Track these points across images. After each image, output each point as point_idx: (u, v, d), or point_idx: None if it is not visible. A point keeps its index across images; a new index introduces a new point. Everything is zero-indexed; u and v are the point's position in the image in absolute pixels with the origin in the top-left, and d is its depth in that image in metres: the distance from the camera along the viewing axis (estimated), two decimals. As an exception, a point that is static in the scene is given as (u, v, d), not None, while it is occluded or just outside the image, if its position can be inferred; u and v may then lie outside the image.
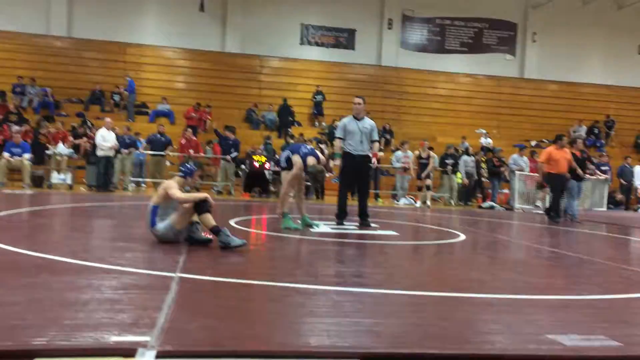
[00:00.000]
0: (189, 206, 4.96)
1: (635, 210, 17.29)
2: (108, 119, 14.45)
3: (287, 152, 7.25)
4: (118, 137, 14.80)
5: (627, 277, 4.72)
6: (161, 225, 5.00)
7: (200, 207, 4.93)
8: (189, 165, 5.36)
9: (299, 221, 7.27)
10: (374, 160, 8.05)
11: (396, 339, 2.50)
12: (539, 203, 15.95)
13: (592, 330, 2.81)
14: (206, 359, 2.16)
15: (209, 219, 4.93)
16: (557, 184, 11.11)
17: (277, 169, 15.11)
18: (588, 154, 15.32)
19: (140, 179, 16.08)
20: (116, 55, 21.33)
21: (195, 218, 5.05)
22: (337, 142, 8.04)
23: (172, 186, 5.07)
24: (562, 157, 11.06)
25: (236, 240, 4.86)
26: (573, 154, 11.43)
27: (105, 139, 13.70)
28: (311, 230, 6.93)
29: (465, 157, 16.57)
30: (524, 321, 2.95)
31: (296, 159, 7.01)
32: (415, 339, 2.52)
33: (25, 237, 5.37)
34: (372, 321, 2.78)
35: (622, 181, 18.22)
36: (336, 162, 7.93)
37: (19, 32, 20.45)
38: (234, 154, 15.71)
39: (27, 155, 13.90)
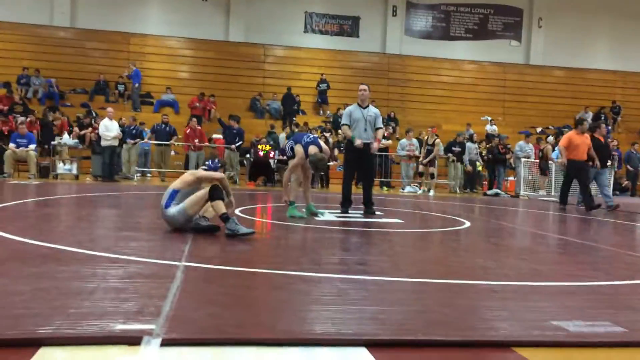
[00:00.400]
0: (204, 193, 5.01)
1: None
2: (110, 109, 14.47)
3: (291, 142, 7.28)
4: (124, 128, 14.86)
5: (632, 264, 4.71)
6: (174, 209, 5.05)
7: (215, 193, 4.98)
8: (213, 162, 5.45)
9: (304, 210, 7.29)
10: (375, 145, 7.96)
11: (400, 326, 2.51)
12: (542, 191, 15.89)
13: (597, 316, 2.80)
14: (211, 347, 2.17)
15: (221, 206, 4.97)
16: (573, 172, 10.61)
17: (282, 157, 15.11)
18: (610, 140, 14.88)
19: (145, 169, 16.13)
20: (120, 45, 21.32)
21: (207, 214, 5.11)
22: (345, 129, 8.01)
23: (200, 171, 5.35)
24: (582, 142, 10.50)
25: (244, 229, 4.88)
26: (597, 140, 10.92)
27: (108, 129, 13.72)
28: (316, 218, 6.94)
29: (469, 144, 16.51)
30: (529, 308, 2.94)
31: (298, 149, 7.06)
32: (419, 326, 2.53)
33: (30, 227, 5.40)
34: (376, 309, 2.78)
35: (629, 167, 18.14)
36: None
37: (22, 23, 20.48)
38: (239, 143, 15.72)
39: (32, 146, 13.97)
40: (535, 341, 2.41)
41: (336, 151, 16.31)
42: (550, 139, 17.26)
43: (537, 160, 16.49)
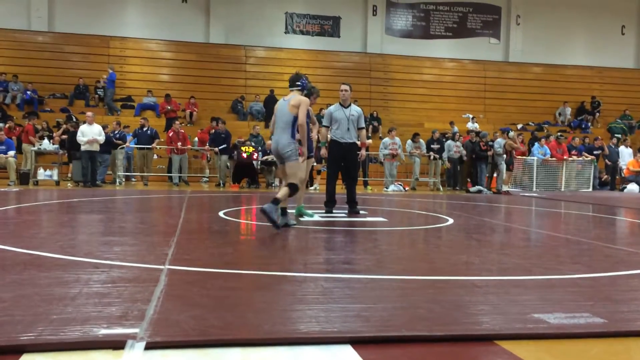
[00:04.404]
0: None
1: (621, 190, 17.48)
2: (89, 114, 14.22)
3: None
4: (110, 133, 14.79)
5: (611, 256, 4.79)
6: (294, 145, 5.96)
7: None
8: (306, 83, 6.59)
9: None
10: (362, 152, 8.12)
11: (385, 323, 2.53)
12: (506, 187, 16.00)
13: (577, 308, 2.86)
14: (196, 349, 2.17)
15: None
16: None
17: (265, 158, 15.09)
18: None
19: (128, 174, 15.99)
20: (99, 48, 21.05)
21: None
22: (322, 131, 8.08)
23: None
24: None
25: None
26: None
27: (84, 134, 13.46)
28: (300, 219, 6.95)
29: (449, 142, 16.65)
30: (511, 301, 2.99)
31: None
32: (404, 322, 2.55)
33: (11, 234, 5.33)
34: (361, 306, 2.80)
35: (608, 162, 18.43)
36: (322, 152, 7.99)
37: (-1, 28, 20.16)
38: (223, 146, 15.61)
39: (11, 153, 13.77)
40: (517, 334, 2.45)
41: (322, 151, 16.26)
42: (512, 134, 17.40)
43: (518, 157, 16.68)
